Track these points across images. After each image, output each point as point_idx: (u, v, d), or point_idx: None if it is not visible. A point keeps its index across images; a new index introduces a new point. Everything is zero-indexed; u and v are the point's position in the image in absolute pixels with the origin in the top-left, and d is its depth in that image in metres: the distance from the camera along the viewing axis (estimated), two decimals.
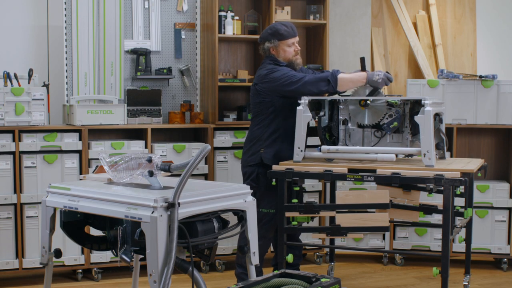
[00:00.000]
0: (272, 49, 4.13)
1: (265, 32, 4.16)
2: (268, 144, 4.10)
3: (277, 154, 4.09)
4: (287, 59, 4.13)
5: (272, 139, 4.09)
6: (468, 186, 3.84)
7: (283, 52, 4.12)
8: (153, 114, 4.90)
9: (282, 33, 4.09)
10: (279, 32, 4.09)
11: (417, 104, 3.77)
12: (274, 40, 4.10)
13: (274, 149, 4.09)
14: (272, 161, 4.04)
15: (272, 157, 4.07)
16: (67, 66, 4.86)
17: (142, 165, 2.89)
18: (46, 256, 2.98)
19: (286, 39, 4.10)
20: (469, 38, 5.81)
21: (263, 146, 4.10)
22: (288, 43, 4.11)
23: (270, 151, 4.09)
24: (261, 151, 4.10)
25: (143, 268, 2.91)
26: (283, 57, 4.12)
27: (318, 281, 2.70)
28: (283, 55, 4.12)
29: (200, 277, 2.65)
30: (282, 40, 4.09)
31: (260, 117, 4.14)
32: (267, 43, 4.12)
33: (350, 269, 4.93)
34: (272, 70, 4.04)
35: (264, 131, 4.11)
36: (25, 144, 4.41)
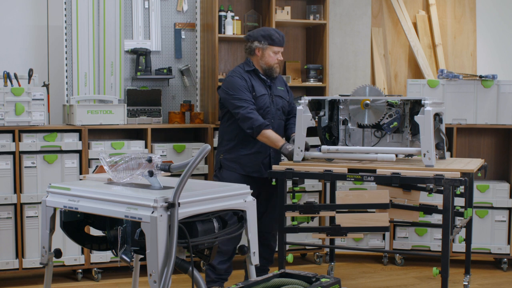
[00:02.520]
0: (258, 50, 4.14)
1: (257, 32, 4.18)
2: (227, 150, 4.16)
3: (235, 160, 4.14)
4: (268, 64, 4.15)
5: (229, 146, 4.15)
6: (468, 186, 3.84)
7: (267, 56, 4.14)
8: (153, 114, 4.90)
9: (274, 39, 4.13)
10: (271, 37, 4.13)
11: (417, 104, 3.77)
12: (264, 42, 4.13)
13: (232, 155, 4.14)
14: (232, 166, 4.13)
15: (231, 163, 4.14)
16: (67, 66, 4.86)
17: (142, 165, 2.89)
18: (46, 256, 2.98)
19: (275, 45, 4.14)
20: (469, 38, 5.81)
21: (222, 152, 4.18)
22: (275, 50, 4.14)
23: (229, 157, 4.15)
24: (220, 156, 4.18)
25: (143, 268, 2.91)
26: (266, 61, 4.14)
27: (318, 281, 2.70)
28: (266, 59, 4.14)
29: (200, 277, 2.65)
30: (272, 46, 4.13)
31: (221, 121, 4.24)
32: (256, 43, 4.14)
33: (350, 269, 4.93)
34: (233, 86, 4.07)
35: (223, 138, 4.21)
36: (25, 144, 4.40)
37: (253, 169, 4.13)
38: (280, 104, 4.23)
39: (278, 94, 4.24)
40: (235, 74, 4.13)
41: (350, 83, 5.37)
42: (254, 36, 4.17)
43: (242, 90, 4.05)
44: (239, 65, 4.24)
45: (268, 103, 4.15)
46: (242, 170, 4.12)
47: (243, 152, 4.12)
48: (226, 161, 4.15)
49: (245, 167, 4.12)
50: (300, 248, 5.07)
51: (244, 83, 4.08)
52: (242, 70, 4.17)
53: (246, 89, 4.07)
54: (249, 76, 4.14)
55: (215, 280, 4.20)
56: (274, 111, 4.18)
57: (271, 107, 4.17)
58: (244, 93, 4.05)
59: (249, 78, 4.13)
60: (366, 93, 3.93)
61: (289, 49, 5.44)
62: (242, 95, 4.04)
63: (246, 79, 4.11)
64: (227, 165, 4.14)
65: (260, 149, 4.13)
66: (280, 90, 4.27)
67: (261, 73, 4.18)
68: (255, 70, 4.17)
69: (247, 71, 4.16)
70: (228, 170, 4.13)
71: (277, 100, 4.22)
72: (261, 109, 4.10)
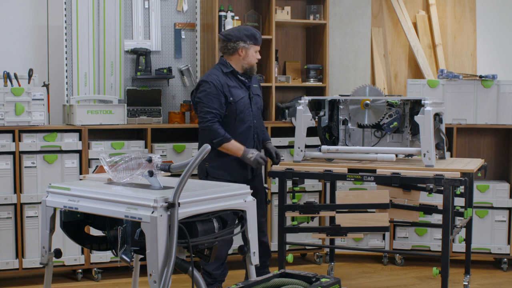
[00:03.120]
0: (241, 50, 4.02)
1: (240, 32, 4.06)
2: (211, 157, 3.96)
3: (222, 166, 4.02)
4: (251, 63, 4.06)
5: (214, 153, 3.94)
6: (468, 186, 3.84)
7: (251, 56, 4.05)
8: (153, 114, 4.90)
9: (257, 38, 4.07)
10: (255, 36, 4.06)
11: (417, 104, 3.77)
12: (249, 42, 4.04)
13: (218, 163, 4.03)
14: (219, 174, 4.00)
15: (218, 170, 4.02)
16: (67, 66, 4.86)
17: (142, 165, 2.89)
18: (46, 256, 2.98)
19: (258, 44, 4.08)
20: (469, 38, 5.81)
21: (207, 160, 4.01)
22: (257, 49, 4.08)
23: (215, 164, 4.03)
24: (206, 165, 4.05)
25: (143, 268, 2.91)
26: (248, 61, 4.05)
27: (318, 281, 2.70)
28: (250, 58, 4.04)
29: (200, 277, 2.65)
30: (255, 45, 4.06)
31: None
32: (242, 43, 4.02)
33: (350, 269, 4.93)
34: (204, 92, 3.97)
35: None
36: (25, 144, 4.40)
37: (240, 174, 4.03)
38: (259, 103, 4.17)
39: (256, 92, 4.16)
40: (210, 79, 3.99)
41: (350, 83, 5.37)
42: (237, 36, 4.03)
43: (211, 99, 3.94)
44: (215, 67, 4.10)
45: (247, 104, 4.05)
46: (229, 176, 3.96)
47: (228, 158, 3.99)
48: (212, 168, 4.02)
49: (231, 173, 4.00)
50: (300, 248, 5.07)
51: (216, 90, 3.95)
52: (219, 72, 4.03)
53: (216, 96, 3.94)
54: (227, 79, 4.02)
55: (211, 283, 4.17)
56: (255, 111, 4.10)
57: (251, 107, 4.08)
58: (213, 103, 3.93)
59: (226, 81, 4.01)
60: (366, 93, 3.93)
61: (289, 49, 5.44)
62: (210, 105, 3.93)
63: (223, 84, 3.98)
64: (213, 173, 4.01)
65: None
66: (256, 88, 4.19)
67: (239, 74, 4.07)
68: (233, 71, 4.05)
69: (225, 73, 4.03)
70: (214, 178, 3.95)
71: (256, 99, 4.15)
72: (241, 113, 4.01)
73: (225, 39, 4.06)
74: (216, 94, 3.94)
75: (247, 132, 4.05)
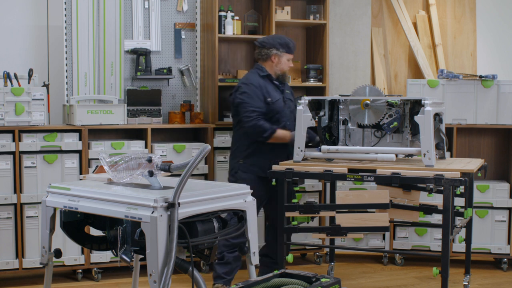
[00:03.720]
0: (274, 57, 4.28)
1: (274, 40, 4.32)
2: (245, 156, 4.25)
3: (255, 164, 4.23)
4: (283, 70, 4.32)
5: (248, 152, 4.24)
6: (468, 186, 3.84)
7: (283, 63, 4.31)
8: (153, 114, 4.90)
9: (290, 47, 4.32)
10: (288, 45, 4.31)
11: (417, 104, 3.77)
12: (282, 50, 4.29)
13: (251, 161, 4.24)
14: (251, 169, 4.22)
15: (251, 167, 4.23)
16: (67, 66, 4.86)
17: (142, 165, 2.89)
18: (46, 256, 2.98)
19: (291, 53, 4.33)
20: (469, 38, 5.81)
21: (241, 158, 4.27)
22: (289, 57, 4.33)
23: (249, 162, 4.24)
24: (240, 161, 4.27)
25: (143, 268, 2.91)
26: (280, 68, 4.30)
27: (318, 281, 2.70)
28: (282, 65, 4.30)
29: (200, 277, 2.65)
30: (288, 53, 4.31)
31: (237, 126, 4.30)
32: (275, 50, 4.28)
33: (350, 269, 4.93)
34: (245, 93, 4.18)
35: (241, 143, 4.28)
36: (25, 144, 4.40)
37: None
38: (291, 106, 4.38)
39: (288, 97, 4.39)
40: (251, 81, 4.23)
41: (350, 83, 5.37)
42: (270, 44, 4.30)
43: (253, 98, 4.16)
44: (251, 71, 4.35)
45: (282, 107, 4.28)
46: (260, 172, 4.19)
47: (261, 156, 4.20)
48: (246, 165, 4.24)
49: (264, 169, 4.14)
50: (300, 248, 5.07)
51: (257, 90, 4.19)
52: (256, 75, 4.28)
53: (257, 96, 4.17)
54: (263, 82, 4.26)
55: (222, 276, 4.24)
56: (288, 114, 4.31)
57: (285, 110, 4.29)
58: (255, 102, 4.16)
59: (264, 83, 4.25)
60: (366, 93, 3.93)
61: None
62: (253, 104, 4.14)
63: (262, 86, 4.23)
64: (246, 168, 4.24)
65: (278, 152, 4.21)
66: (288, 93, 4.42)
67: (274, 79, 4.31)
68: (268, 75, 4.29)
69: (261, 76, 4.28)
70: (245, 172, 4.21)
71: (289, 103, 4.37)
72: (277, 113, 4.23)
73: (260, 45, 4.34)
74: (257, 94, 4.18)
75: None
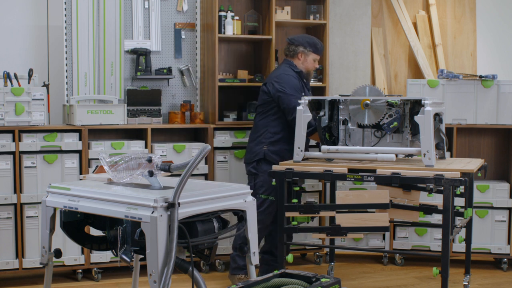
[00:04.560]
0: (301, 54, 4.41)
1: (303, 39, 4.46)
2: (271, 142, 4.32)
3: (279, 153, 4.31)
4: (308, 69, 4.46)
5: (275, 138, 4.32)
6: (468, 186, 3.84)
7: (309, 62, 4.44)
8: (153, 114, 4.90)
9: (318, 48, 4.45)
10: (316, 46, 4.44)
11: (417, 104, 3.77)
12: (309, 49, 4.41)
13: (276, 148, 4.32)
14: (274, 158, 4.28)
15: (274, 155, 4.31)
16: (67, 66, 4.86)
17: (142, 165, 2.89)
18: (46, 256, 2.98)
19: (318, 53, 4.46)
20: (469, 38, 5.81)
21: (266, 144, 4.33)
22: (316, 58, 4.47)
23: (273, 149, 4.32)
24: (264, 148, 4.34)
25: (143, 268, 2.91)
26: (306, 66, 4.44)
27: (318, 281, 2.70)
28: (307, 64, 4.44)
29: (200, 277, 2.65)
30: (315, 53, 4.44)
31: (265, 114, 4.37)
32: (302, 48, 4.40)
33: (350, 269, 4.93)
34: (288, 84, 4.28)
35: (267, 130, 4.35)
36: (25, 144, 4.41)
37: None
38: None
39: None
40: (290, 73, 4.35)
41: (350, 83, 5.37)
42: (299, 41, 4.43)
43: (297, 91, 4.29)
44: (286, 66, 4.42)
45: None
46: (280, 159, 4.24)
47: (286, 146, 4.28)
48: (269, 152, 4.31)
49: (285, 159, 4.24)
50: (300, 248, 5.07)
51: (298, 84, 4.33)
52: (290, 72, 4.38)
53: (300, 90, 4.31)
54: (298, 77, 4.40)
55: (242, 267, 4.36)
56: None
57: None
58: (300, 94, 4.25)
59: (297, 81, 4.37)
60: (366, 93, 3.93)
61: None
62: (299, 96, 4.21)
63: (298, 80, 4.36)
64: (269, 156, 4.30)
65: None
66: (310, 94, 4.50)
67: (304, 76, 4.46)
68: (300, 72, 4.43)
69: (296, 72, 4.40)
70: (268, 163, 4.24)
71: None
72: None
73: (289, 42, 4.47)
74: (298, 88, 4.32)
75: None
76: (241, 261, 4.35)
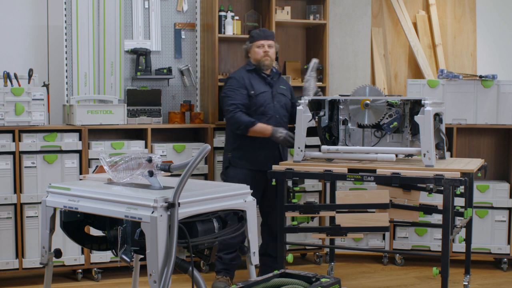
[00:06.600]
0: (249, 51, 4.40)
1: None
2: (234, 149, 4.34)
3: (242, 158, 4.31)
4: (256, 59, 4.36)
5: (236, 144, 4.34)
6: (468, 186, 3.84)
7: (254, 53, 4.36)
8: (153, 114, 4.90)
9: (253, 35, 4.39)
10: (251, 35, 4.41)
11: (417, 104, 3.77)
12: (248, 42, 4.41)
13: (239, 153, 4.32)
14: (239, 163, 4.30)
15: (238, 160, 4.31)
16: (67, 66, 4.86)
17: (142, 165, 2.89)
18: (46, 256, 2.98)
19: (256, 40, 4.36)
20: (469, 38, 5.81)
21: (230, 151, 4.37)
22: (258, 45, 4.35)
23: (236, 155, 4.32)
24: (228, 155, 4.36)
25: (143, 268, 2.91)
26: (254, 58, 4.37)
27: (318, 281, 2.70)
28: (253, 56, 4.37)
29: (200, 277, 2.65)
30: (253, 42, 4.36)
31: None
32: (244, 46, 4.45)
33: (350, 269, 4.93)
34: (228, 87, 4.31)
35: (230, 137, 4.39)
36: (25, 144, 4.40)
37: (261, 164, 4.25)
38: (283, 101, 4.41)
39: (280, 92, 4.41)
40: (235, 75, 4.37)
41: (350, 83, 5.37)
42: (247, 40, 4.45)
43: (235, 92, 4.25)
44: (242, 66, 4.48)
45: (269, 100, 4.32)
46: (249, 166, 4.27)
47: (250, 148, 4.26)
48: (234, 158, 4.31)
49: (252, 163, 4.26)
50: (300, 248, 5.07)
51: (239, 84, 4.28)
52: (243, 70, 4.39)
53: (239, 89, 4.26)
54: (250, 76, 4.34)
55: (220, 270, 4.37)
56: (278, 107, 4.35)
57: (273, 103, 4.33)
58: (236, 95, 4.24)
59: (249, 77, 4.32)
60: (366, 93, 3.93)
61: (289, 49, 5.44)
62: (234, 97, 4.24)
63: (245, 78, 4.30)
64: (235, 162, 4.30)
65: (266, 145, 4.26)
66: (282, 88, 4.44)
67: (261, 71, 4.37)
68: (255, 69, 4.36)
69: (248, 71, 4.36)
70: (235, 168, 4.29)
71: (280, 97, 4.40)
72: (262, 106, 4.29)
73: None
74: (238, 87, 4.27)
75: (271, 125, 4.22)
76: (220, 265, 4.37)
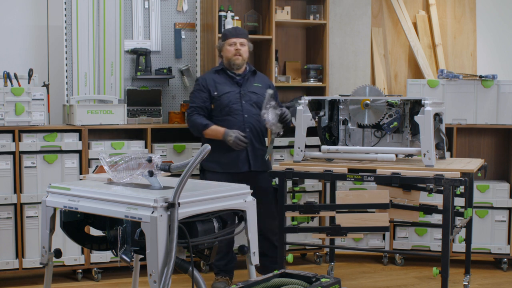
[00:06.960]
0: (220, 50, 4.37)
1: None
2: None
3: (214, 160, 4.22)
4: (227, 58, 4.31)
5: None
6: (468, 186, 3.84)
7: (225, 51, 4.31)
8: (153, 114, 4.90)
9: (225, 33, 4.36)
10: (224, 33, 4.39)
11: (417, 104, 3.77)
12: (221, 42, 4.36)
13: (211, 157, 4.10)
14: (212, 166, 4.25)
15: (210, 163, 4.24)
16: (67, 66, 4.86)
17: (142, 165, 2.89)
18: (46, 256, 2.98)
19: (228, 38, 4.31)
20: (469, 38, 5.81)
21: None
22: (229, 42, 4.29)
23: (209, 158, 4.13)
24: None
25: (143, 268, 2.91)
26: (225, 57, 4.32)
27: (318, 281, 2.70)
28: (225, 54, 4.31)
29: (200, 277, 2.65)
30: (225, 40, 4.32)
31: None
32: (217, 44, 4.46)
33: (350, 269, 4.93)
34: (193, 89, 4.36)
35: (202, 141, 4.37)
36: (25, 144, 4.40)
37: (231, 165, 4.22)
38: (254, 99, 4.31)
39: (252, 90, 4.32)
40: (200, 77, 4.40)
41: (350, 83, 5.37)
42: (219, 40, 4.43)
43: (194, 94, 4.29)
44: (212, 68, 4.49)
45: (234, 100, 4.25)
46: (220, 168, 4.22)
47: (219, 151, 4.17)
48: (206, 162, 4.22)
49: (223, 165, 4.22)
50: (300, 248, 5.07)
51: (199, 86, 4.28)
52: (211, 71, 4.38)
53: (199, 91, 4.26)
54: (216, 76, 4.32)
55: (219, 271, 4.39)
56: (247, 106, 4.27)
57: (240, 102, 4.25)
58: (196, 98, 4.27)
59: (214, 78, 4.30)
60: (366, 93, 3.93)
61: (289, 49, 5.44)
62: (193, 100, 4.27)
63: (209, 80, 4.29)
64: (207, 166, 4.26)
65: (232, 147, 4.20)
66: (256, 86, 4.35)
67: (229, 71, 4.31)
68: (223, 69, 4.33)
69: (216, 71, 4.35)
70: (209, 172, 4.24)
71: (250, 95, 4.31)
72: (227, 107, 4.24)
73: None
74: (199, 90, 4.28)
75: (237, 125, 4.20)
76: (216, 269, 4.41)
